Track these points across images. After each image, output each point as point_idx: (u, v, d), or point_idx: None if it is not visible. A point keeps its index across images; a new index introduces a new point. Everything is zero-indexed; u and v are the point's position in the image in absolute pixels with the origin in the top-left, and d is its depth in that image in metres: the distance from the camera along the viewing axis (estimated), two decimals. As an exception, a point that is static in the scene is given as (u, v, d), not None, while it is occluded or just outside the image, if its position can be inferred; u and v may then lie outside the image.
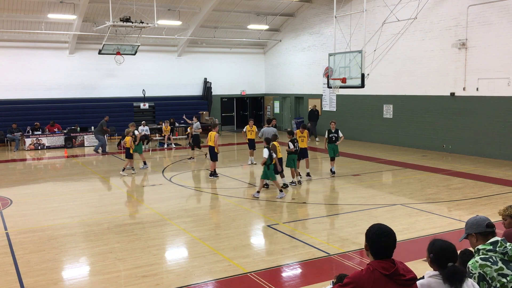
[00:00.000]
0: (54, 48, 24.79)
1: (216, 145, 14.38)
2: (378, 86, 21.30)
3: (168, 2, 23.81)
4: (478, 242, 3.95)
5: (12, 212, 10.94)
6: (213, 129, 14.85)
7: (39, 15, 22.37)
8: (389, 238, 3.26)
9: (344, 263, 7.38)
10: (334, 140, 14.51)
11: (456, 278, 3.38)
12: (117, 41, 23.81)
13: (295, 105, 28.72)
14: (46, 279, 6.90)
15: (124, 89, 26.69)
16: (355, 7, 21.02)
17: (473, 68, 17.51)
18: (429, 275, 3.48)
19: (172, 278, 6.87)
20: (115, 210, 11.30)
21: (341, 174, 14.77)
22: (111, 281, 6.78)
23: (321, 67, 25.28)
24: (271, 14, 26.79)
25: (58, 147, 22.42)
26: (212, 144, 14.41)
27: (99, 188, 13.31)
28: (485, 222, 3.98)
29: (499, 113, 16.82)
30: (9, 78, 23.86)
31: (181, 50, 27.92)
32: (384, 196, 11.91)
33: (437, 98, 19.07)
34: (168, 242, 8.75)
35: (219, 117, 29.52)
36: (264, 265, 7.26)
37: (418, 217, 9.88)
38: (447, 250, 3.47)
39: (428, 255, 3.56)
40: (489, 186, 12.78)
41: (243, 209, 10.86)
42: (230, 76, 29.93)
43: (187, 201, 11.80)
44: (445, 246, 3.49)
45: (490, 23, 16.81)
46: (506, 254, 3.77)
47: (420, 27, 19.32)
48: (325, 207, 11.21)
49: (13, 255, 7.94)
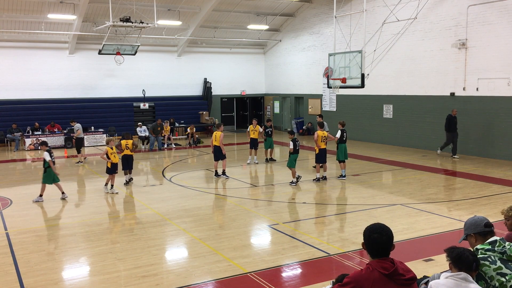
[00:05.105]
0: (54, 48, 24.79)
1: (222, 145, 14.40)
2: (378, 86, 21.31)
3: (168, 2, 23.81)
4: (477, 242, 3.96)
5: (12, 212, 10.94)
6: (218, 129, 14.89)
7: (39, 15, 22.37)
8: (381, 234, 3.26)
9: (344, 263, 7.38)
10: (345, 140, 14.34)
11: (463, 262, 3.49)
12: (117, 41, 23.81)
13: (295, 105, 28.73)
14: (46, 279, 6.90)
15: (124, 89, 26.69)
16: (355, 7, 21.02)
17: (473, 68, 17.51)
18: (445, 276, 3.51)
19: (172, 278, 6.87)
20: (115, 210, 11.31)
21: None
22: (111, 281, 6.78)
23: (321, 67, 25.28)
24: (271, 14, 26.79)
25: (58, 147, 22.42)
26: (218, 143, 14.44)
27: (99, 188, 13.30)
28: (483, 222, 3.99)
29: (499, 113, 16.82)
30: (9, 78, 23.87)
31: (181, 50, 27.92)
32: (384, 196, 11.92)
33: (437, 98, 19.08)
34: (168, 242, 8.75)
35: (219, 117, 29.52)
36: (264, 265, 7.26)
37: (418, 217, 9.88)
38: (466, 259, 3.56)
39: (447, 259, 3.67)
40: (489, 186, 12.78)
41: (243, 209, 10.86)
42: (230, 76, 29.94)
43: (187, 201, 11.81)
44: (463, 254, 3.58)
45: (490, 23, 16.81)
46: (504, 253, 3.78)
47: (420, 27, 19.33)
48: (325, 207, 11.21)
49: (13, 255, 7.94)
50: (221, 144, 14.38)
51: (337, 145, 14.26)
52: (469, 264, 3.49)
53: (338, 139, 14.09)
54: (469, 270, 3.48)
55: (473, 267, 3.52)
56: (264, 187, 13.62)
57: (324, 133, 13.91)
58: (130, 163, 13.99)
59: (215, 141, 14.56)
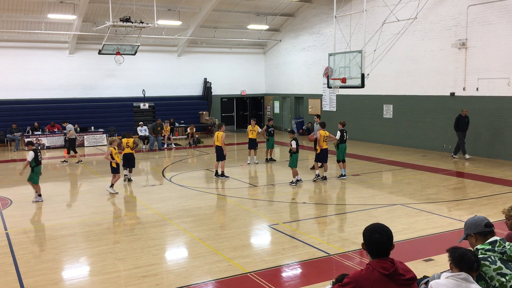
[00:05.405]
0: (54, 48, 24.79)
1: (224, 145, 14.40)
2: (378, 86, 21.31)
3: (168, 2, 23.81)
4: (478, 242, 3.96)
5: (12, 212, 10.94)
6: (220, 129, 14.89)
7: (39, 15, 22.36)
8: (382, 235, 3.26)
9: (344, 263, 7.38)
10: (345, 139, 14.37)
11: (465, 262, 3.49)
12: (117, 41, 23.81)
13: (295, 105, 28.73)
14: (46, 279, 6.90)
15: (124, 89, 26.69)
16: (355, 7, 21.02)
17: (473, 68, 17.51)
18: (446, 276, 3.51)
19: (172, 278, 6.87)
20: (115, 210, 11.31)
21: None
22: (111, 281, 6.79)
23: (321, 67, 25.28)
24: (271, 14, 26.79)
25: (58, 147, 22.42)
26: (220, 144, 14.44)
27: (99, 188, 13.30)
28: (484, 222, 3.98)
29: (499, 113, 16.82)
30: (9, 78, 23.86)
31: (181, 50, 27.92)
32: (384, 196, 11.91)
33: (437, 98, 19.08)
34: (168, 242, 8.75)
35: (219, 117, 29.52)
36: (264, 265, 7.26)
37: (418, 217, 9.88)
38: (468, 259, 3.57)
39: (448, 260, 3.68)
40: (489, 186, 12.78)
41: (243, 209, 10.86)
42: (230, 76, 29.93)
43: (187, 201, 11.81)
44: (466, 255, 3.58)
45: (490, 23, 16.81)
46: (504, 253, 3.78)
47: (420, 27, 19.33)
48: (325, 207, 11.21)
49: (13, 255, 7.94)
50: (222, 145, 14.38)
51: (337, 145, 14.26)
52: (471, 265, 3.50)
53: (337, 139, 14.11)
54: (470, 270, 3.49)
55: (474, 268, 3.52)
56: (264, 187, 13.62)
57: (326, 133, 13.92)
58: (131, 162, 14.20)
59: (217, 141, 14.57)
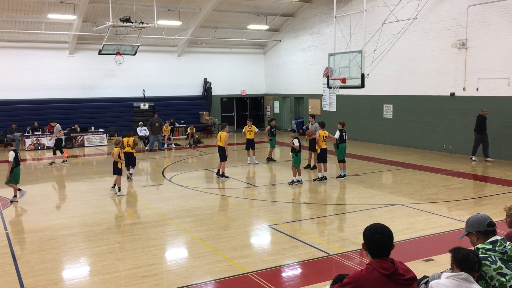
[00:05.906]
0: (54, 48, 24.79)
1: (226, 146, 14.40)
2: (378, 86, 21.31)
3: (168, 2, 23.81)
4: (479, 241, 3.95)
5: (12, 212, 10.95)
6: (223, 129, 14.91)
7: (39, 15, 22.37)
8: (383, 235, 3.26)
9: (344, 263, 7.38)
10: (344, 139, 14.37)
11: (468, 263, 3.49)
12: (117, 41, 23.81)
13: (295, 105, 28.72)
14: (46, 279, 6.90)
15: (124, 89, 26.69)
16: (355, 7, 21.02)
17: (473, 68, 17.51)
18: (446, 276, 3.50)
19: (172, 278, 6.87)
20: (115, 210, 11.31)
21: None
22: (111, 281, 6.78)
23: (321, 67, 25.28)
24: (271, 14, 26.79)
25: (58, 147, 22.39)
26: (222, 144, 14.43)
27: (99, 188, 13.30)
28: (486, 221, 3.98)
29: (499, 113, 16.82)
30: (9, 78, 23.87)
31: (181, 50, 27.92)
32: (384, 196, 11.91)
33: (437, 98, 19.08)
34: (168, 242, 8.75)
35: (219, 117, 29.52)
36: (264, 265, 7.26)
37: (418, 217, 9.88)
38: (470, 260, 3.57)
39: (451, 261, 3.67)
40: (489, 186, 12.78)
41: (243, 209, 10.86)
42: (230, 76, 29.93)
43: (187, 201, 11.80)
44: (468, 256, 3.58)
45: (490, 23, 16.81)
46: (505, 253, 3.78)
47: (420, 27, 19.33)
48: (325, 207, 11.21)
49: (13, 255, 7.94)
50: (225, 145, 14.37)
51: (337, 145, 14.26)
52: (473, 265, 3.50)
53: (337, 139, 14.11)
54: (472, 271, 3.48)
55: (476, 268, 3.52)
56: (264, 187, 13.62)
57: (325, 133, 13.93)
58: (132, 160, 14.41)
59: (219, 141, 14.57)
